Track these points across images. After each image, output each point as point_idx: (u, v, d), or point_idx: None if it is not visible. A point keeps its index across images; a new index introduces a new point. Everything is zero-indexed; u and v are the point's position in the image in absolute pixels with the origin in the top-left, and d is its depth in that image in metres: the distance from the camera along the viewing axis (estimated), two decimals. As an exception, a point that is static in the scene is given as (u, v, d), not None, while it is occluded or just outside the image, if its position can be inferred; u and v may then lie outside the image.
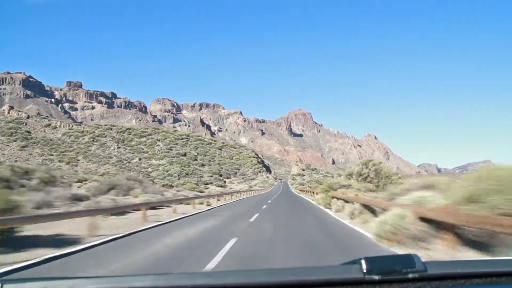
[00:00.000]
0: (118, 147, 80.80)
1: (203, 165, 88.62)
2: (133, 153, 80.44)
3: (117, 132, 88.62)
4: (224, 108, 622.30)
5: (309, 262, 6.38)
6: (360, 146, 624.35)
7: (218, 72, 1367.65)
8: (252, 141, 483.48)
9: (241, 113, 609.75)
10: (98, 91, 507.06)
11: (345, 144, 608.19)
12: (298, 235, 10.41)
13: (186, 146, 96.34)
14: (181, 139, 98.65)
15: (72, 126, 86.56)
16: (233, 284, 1.26)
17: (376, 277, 1.24)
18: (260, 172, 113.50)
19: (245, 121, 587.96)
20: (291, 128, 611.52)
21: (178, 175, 71.96)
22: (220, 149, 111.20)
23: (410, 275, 1.25)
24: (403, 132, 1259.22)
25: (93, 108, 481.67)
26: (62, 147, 76.67)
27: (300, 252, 7.61)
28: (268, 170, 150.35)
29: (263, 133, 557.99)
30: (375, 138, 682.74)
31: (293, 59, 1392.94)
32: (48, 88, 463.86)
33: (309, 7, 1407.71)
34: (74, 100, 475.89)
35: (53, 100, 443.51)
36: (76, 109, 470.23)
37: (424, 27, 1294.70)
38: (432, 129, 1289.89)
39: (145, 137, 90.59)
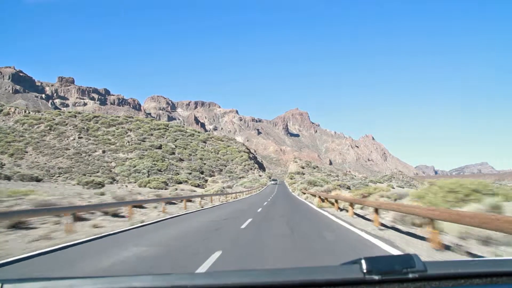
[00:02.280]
0: (80, 137, 68.06)
1: (181, 159, 75.86)
2: (97, 145, 67.87)
3: (82, 120, 75.79)
4: (219, 107, 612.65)
5: None
6: (357, 146, 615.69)
7: (215, 70, 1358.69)
8: (248, 140, 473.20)
9: (237, 112, 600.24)
10: (90, 87, 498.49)
11: (342, 144, 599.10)
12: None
13: (163, 137, 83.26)
14: (157, 129, 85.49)
15: (29, 112, 73.97)
16: (232, 284, 1.24)
17: (376, 277, 1.22)
18: (251, 169, 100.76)
19: (241, 120, 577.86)
20: (287, 128, 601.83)
21: (148, 171, 59.42)
22: (204, 142, 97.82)
23: (410, 275, 1.23)
24: (401, 134, 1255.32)
25: (85, 104, 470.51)
26: (10, 136, 64.10)
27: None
28: (262, 167, 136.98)
29: (259, 133, 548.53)
30: (373, 139, 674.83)
31: (291, 58, 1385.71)
32: (39, 84, 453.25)
33: (307, 7, 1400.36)
34: (66, 96, 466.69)
35: (43, 95, 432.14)
36: (67, 105, 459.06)
37: (422, 28, 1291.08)
38: (430, 130, 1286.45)
39: (115, 126, 77.70)
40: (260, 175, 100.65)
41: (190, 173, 67.96)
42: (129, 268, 5.57)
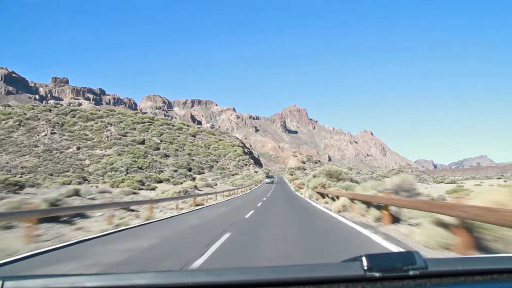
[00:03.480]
0: (52, 133, 61.36)
1: (166, 156, 69.17)
2: (71, 141, 61.33)
3: (57, 114, 69.12)
4: (216, 105, 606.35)
5: None
6: (356, 142, 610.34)
7: (211, 69, 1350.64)
8: (245, 138, 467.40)
9: (234, 109, 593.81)
10: (85, 88, 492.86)
11: (341, 140, 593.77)
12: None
13: (147, 131, 76.46)
14: (141, 123, 78.69)
15: (-3, 107, 67.49)
16: (234, 281, 1.24)
17: (377, 274, 1.22)
18: (246, 165, 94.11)
19: (238, 117, 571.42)
20: (285, 125, 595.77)
21: (127, 169, 52.78)
22: (194, 136, 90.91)
23: (411, 272, 1.23)
24: (400, 128, 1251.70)
25: (79, 105, 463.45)
26: (-27, 133, 57.41)
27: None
28: (258, 163, 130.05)
29: (257, 130, 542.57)
30: (371, 134, 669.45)
31: (288, 55, 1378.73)
32: (33, 85, 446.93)
33: (303, 4, 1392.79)
34: (60, 96, 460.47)
35: (37, 96, 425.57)
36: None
37: (420, 24, 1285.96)
38: (428, 125, 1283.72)
39: (94, 120, 70.99)
40: (256, 171, 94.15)
41: (175, 171, 61.59)
42: None
